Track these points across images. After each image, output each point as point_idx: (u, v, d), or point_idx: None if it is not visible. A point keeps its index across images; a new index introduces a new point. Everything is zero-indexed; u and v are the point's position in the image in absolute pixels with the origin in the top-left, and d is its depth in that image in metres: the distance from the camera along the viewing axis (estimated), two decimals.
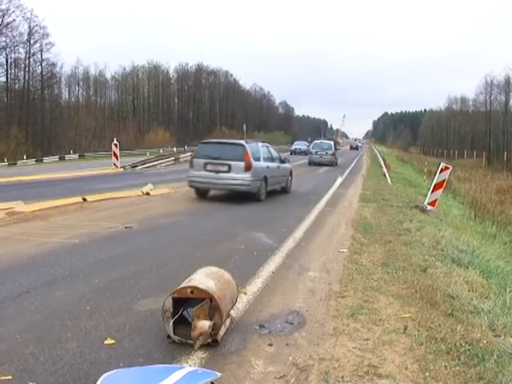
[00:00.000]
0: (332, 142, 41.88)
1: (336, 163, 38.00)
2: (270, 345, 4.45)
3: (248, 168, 14.40)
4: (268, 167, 15.71)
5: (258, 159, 15.13)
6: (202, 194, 15.38)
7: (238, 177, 14.36)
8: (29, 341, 4.31)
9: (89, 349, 4.20)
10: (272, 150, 17.42)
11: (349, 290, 6.11)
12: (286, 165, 17.79)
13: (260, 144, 16.61)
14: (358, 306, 5.48)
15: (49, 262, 7.01)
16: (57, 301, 5.41)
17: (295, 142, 66.49)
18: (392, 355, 4.30)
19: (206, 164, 14.62)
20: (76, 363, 3.94)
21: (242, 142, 15.91)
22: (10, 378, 3.66)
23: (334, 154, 37.75)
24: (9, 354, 4.04)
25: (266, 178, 15.26)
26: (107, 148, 39.32)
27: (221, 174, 14.39)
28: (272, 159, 16.56)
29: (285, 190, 17.51)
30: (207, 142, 16.59)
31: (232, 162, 14.39)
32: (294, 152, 57.09)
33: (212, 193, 15.83)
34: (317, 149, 37.32)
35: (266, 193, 15.44)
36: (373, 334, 4.76)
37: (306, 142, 63.04)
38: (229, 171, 14.39)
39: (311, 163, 36.30)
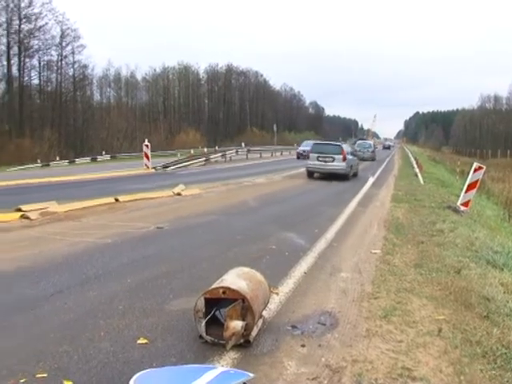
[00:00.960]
0: (372, 142, 55.15)
1: (375, 159, 46.34)
2: (303, 346, 4.42)
3: (344, 159, 22.89)
4: (352, 159, 24.51)
5: (347, 153, 23.48)
6: (310, 174, 23.65)
7: (338, 164, 22.76)
8: (63, 339, 4.36)
9: (122, 348, 4.23)
10: (349, 147, 27.65)
11: (381, 291, 6.06)
12: (355, 157, 26.73)
13: (346, 144, 27.91)
14: (391, 308, 5.42)
15: (82, 262, 7.08)
16: (90, 300, 5.46)
17: (303, 143, 47.91)
18: (426, 358, 4.24)
19: (318, 157, 23.24)
20: (109, 362, 3.97)
21: (340, 143, 25.87)
22: (46, 375, 3.70)
23: (373, 151, 47.82)
24: (44, 353, 4.09)
25: (351, 166, 24.11)
26: (138, 149, 39.69)
27: (328, 163, 22.95)
28: (351, 153, 25.06)
29: (355, 175, 25.36)
30: (318, 143, 25.84)
31: (335, 155, 22.85)
32: (301, 155, 41.73)
33: (244, 194, 16.31)
34: (360, 147, 44.76)
35: (351, 175, 24.01)
36: (406, 335, 4.70)
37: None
38: (333, 161, 22.83)
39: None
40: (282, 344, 4.45)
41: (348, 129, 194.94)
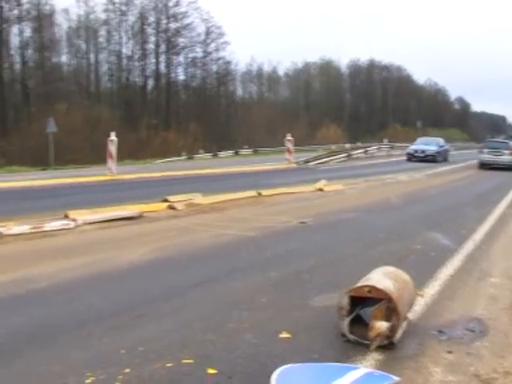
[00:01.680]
0: None
1: None
2: (450, 352, 4.21)
3: (511, 154, 28.23)
4: None
5: None
6: (482, 166, 28.49)
7: (505, 158, 28.19)
8: (208, 328, 4.47)
9: (264, 341, 4.25)
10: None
11: None
12: None
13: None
14: None
15: (226, 253, 7.29)
16: (234, 291, 5.57)
17: (418, 140, 38.55)
18: None
19: (489, 151, 28.80)
20: (252, 354, 4.01)
21: (507, 140, 32.79)
22: (192, 361, 3.81)
23: None
24: (190, 340, 4.22)
25: None
26: (280, 143, 40.13)
27: (497, 156, 28.36)
28: None
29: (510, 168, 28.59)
30: (489, 141, 32.50)
31: (503, 150, 28.57)
32: (412, 156, 34.04)
33: (386, 191, 16.25)
34: None
35: None
36: None
37: (439, 140, 38.33)
38: (501, 155, 28.33)
39: None
40: (428, 349, 4.27)
41: (496, 125, 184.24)
